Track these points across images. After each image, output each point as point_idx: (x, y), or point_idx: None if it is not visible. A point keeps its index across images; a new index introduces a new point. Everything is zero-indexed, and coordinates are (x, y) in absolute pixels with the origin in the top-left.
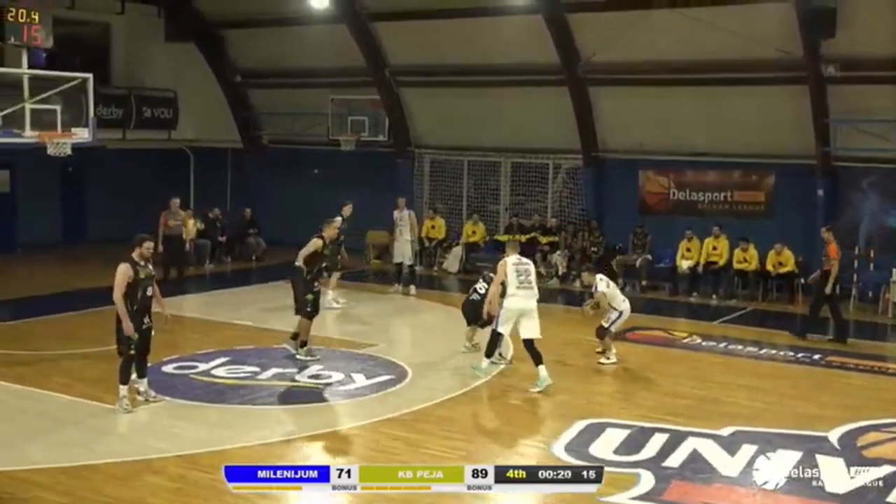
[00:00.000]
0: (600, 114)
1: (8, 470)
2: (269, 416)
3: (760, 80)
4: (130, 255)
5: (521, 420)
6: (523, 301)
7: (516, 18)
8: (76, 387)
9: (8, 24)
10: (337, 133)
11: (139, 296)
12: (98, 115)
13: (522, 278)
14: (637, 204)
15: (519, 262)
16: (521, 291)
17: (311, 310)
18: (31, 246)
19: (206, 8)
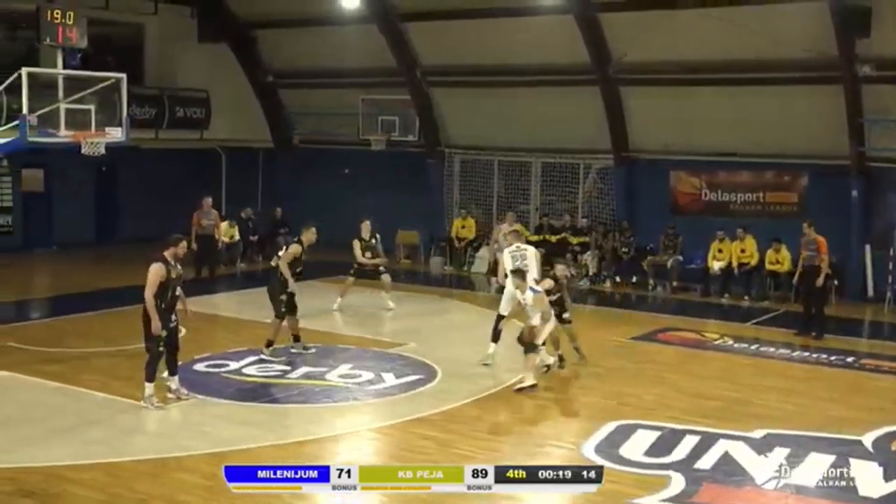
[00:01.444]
0: (631, 114)
1: (42, 465)
2: (300, 415)
3: (794, 80)
4: (162, 254)
5: (549, 421)
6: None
7: (547, 18)
8: (109, 384)
9: (44, 25)
10: (367, 133)
11: (169, 295)
12: (131, 114)
13: (518, 263)
14: (668, 204)
15: (516, 251)
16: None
17: (284, 310)
18: (65, 244)
19: (239, 8)
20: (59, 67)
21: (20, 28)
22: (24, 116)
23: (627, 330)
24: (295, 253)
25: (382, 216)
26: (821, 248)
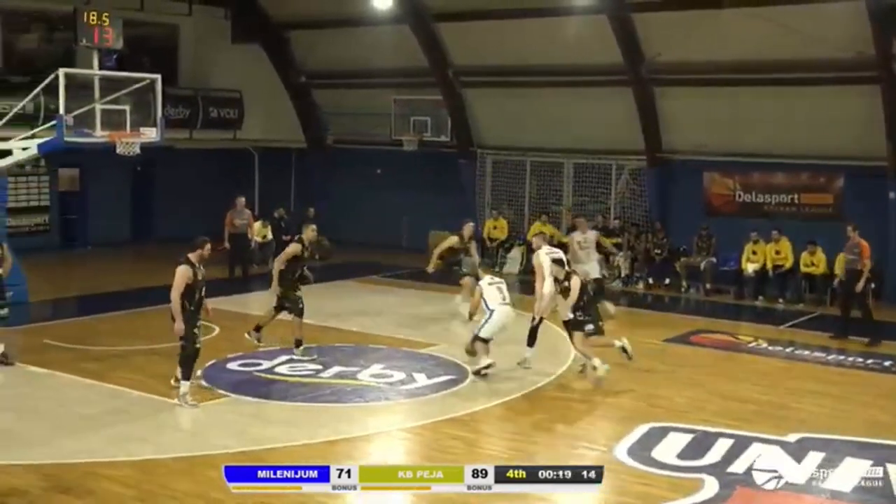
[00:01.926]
0: (665, 114)
1: (77, 462)
2: (331, 414)
3: (829, 80)
4: (188, 256)
5: (581, 423)
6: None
7: (580, 18)
8: (144, 382)
9: (80, 27)
10: (399, 133)
11: (196, 296)
12: (165, 115)
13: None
14: (702, 205)
15: (551, 252)
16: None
17: (302, 306)
18: (101, 243)
19: (272, 9)
20: (95, 68)
21: (57, 30)
22: (60, 117)
23: (660, 332)
24: (294, 252)
25: (414, 216)
26: (864, 252)
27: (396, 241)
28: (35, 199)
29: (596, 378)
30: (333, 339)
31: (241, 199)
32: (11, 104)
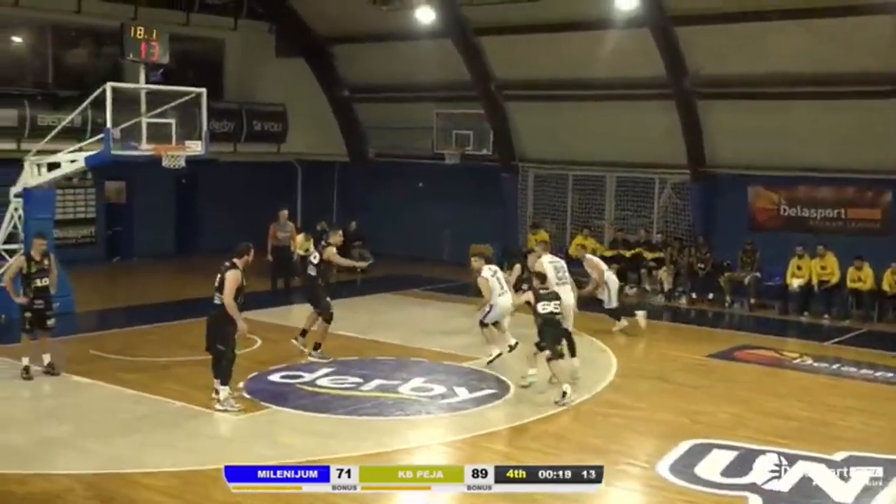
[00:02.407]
0: (708, 128)
1: (120, 472)
2: (372, 428)
3: (875, 93)
4: (234, 261)
5: (623, 438)
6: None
7: (622, 32)
8: (187, 393)
9: (127, 42)
10: (441, 147)
11: (240, 301)
12: (210, 128)
13: (560, 274)
14: (746, 220)
15: (554, 260)
16: (560, 288)
17: (332, 312)
18: (146, 255)
19: (316, 24)
20: (142, 82)
21: (105, 45)
22: (108, 130)
23: (704, 347)
24: (330, 254)
25: (456, 230)
26: None
27: (438, 255)
28: (82, 212)
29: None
30: (375, 353)
31: (284, 212)
32: (60, 118)
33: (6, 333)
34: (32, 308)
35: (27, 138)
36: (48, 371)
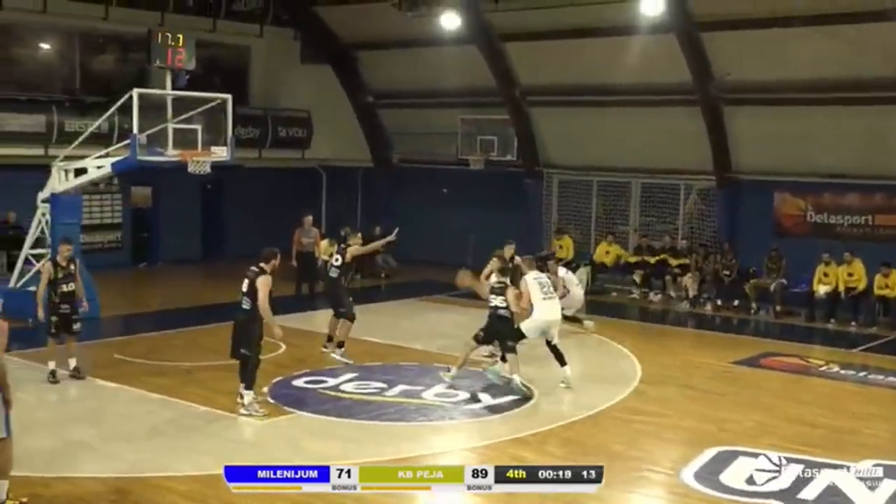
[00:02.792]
0: (734, 134)
1: (144, 476)
2: (396, 433)
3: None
4: (262, 266)
5: (648, 445)
6: (549, 313)
7: (648, 38)
8: (211, 398)
9: (154, 48)
10: (466, 152)
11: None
12: (236, 134)
13: (546, 289)
14: (772, 226)
15: (538, 276)
16: (547, 303)
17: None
18: (172, 260)
19: (341, 30)
20: (168, 88)
21: (132, 51)
22: (134, 136)
23: (729, 354)
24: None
25: (480, 235)
26: None
27: (462, 260)
28: (108, 217)
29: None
30: (398, 358)
31: (309, 218)
32: (87, 124)
33: (33, 338)
34: (59, 312)
35: (55, 144)
36: (74, 375)
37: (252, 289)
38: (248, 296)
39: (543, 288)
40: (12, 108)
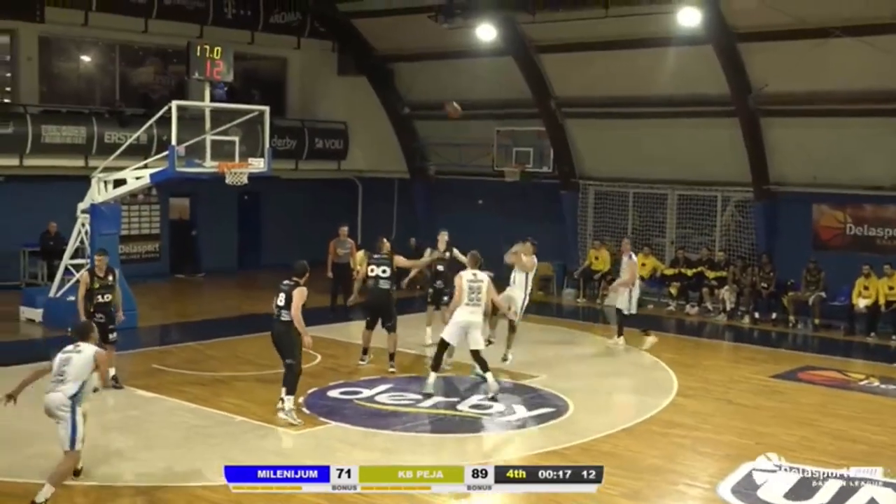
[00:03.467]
0: (772, 145)
1: (182, 485)
2: (430, 444)
3: None
4: (296, 279)
5: (685, 459)
6: (470, 315)
7: (685, 49)
8: (247, 407)
9: (193, 60)
10: (502, 164)
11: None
12: (273, 145)
13: (473, 295)
14: (810, 239)
15: (473, 279)
16: (469, 307)
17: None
18: (209, 271)
19: (378, 43)
20: (207, 100)
21: (171, 63)
22: (172, 147)
23: (767, 368)
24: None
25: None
26: None
27: (497, 272)
28: (147, 227)
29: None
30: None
31: (344, 229)
32: (126, 135)
33: None
34: (94, 322)
35: (94, 155)
36: (112, 384)
37: (290, 301)
38: (286, 308)
39: (472, 293)
40: (54, 120)
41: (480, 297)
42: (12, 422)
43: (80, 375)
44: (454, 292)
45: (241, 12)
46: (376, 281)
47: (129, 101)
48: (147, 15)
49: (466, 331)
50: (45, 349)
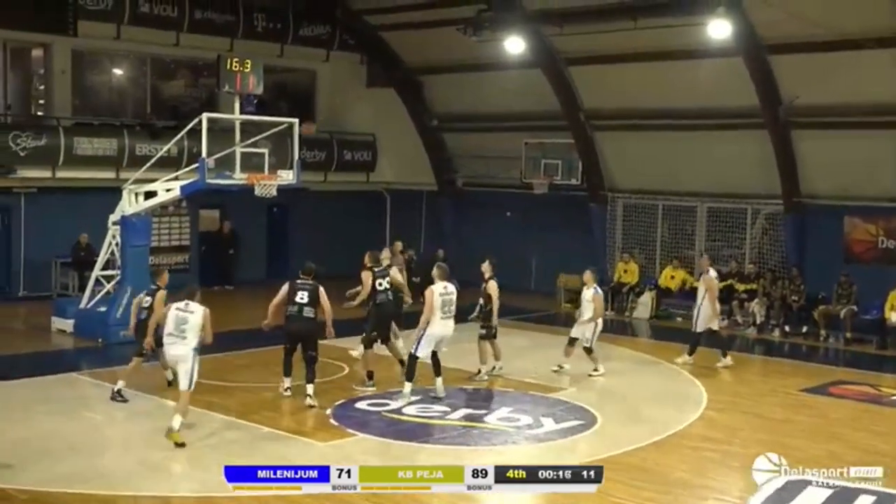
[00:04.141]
0: (803, 158)
1: (209, 495)
2: (457, 457)
3: None
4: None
5: (714, 473)
6: (444, 328)
7: (715, 61)
8: (276, 419)
9: (223, 73)
10: (530, 176)
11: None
12: (302, 157)
13: (447, 308)
14: (841, 252)
15: (444, 292)
16: (444, 320)
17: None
18: (239, 282)
19: (406, 55)
20: (237, 113)
21: (201, 76)
22: (203, 159)
23: (797, 381)
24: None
25: (543, 259)
26: None
27: (525, 284)
28: (177, 239)
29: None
30: (461, 381)
31: (398, 244)
32: (157, 147)
33: (102, 357)
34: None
35: (125, 167)
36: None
37: (314, 298)
38: (310, 305)
39: (445, 306)
40: (86, 133)
41: (453, 309)
42: (46, 434)
43: (196, 331)
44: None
45: (270, 25)
46: (386, 294)
47: (159, 114)
48: (178, 28)
49: (440, 343)
50: (75, 359)
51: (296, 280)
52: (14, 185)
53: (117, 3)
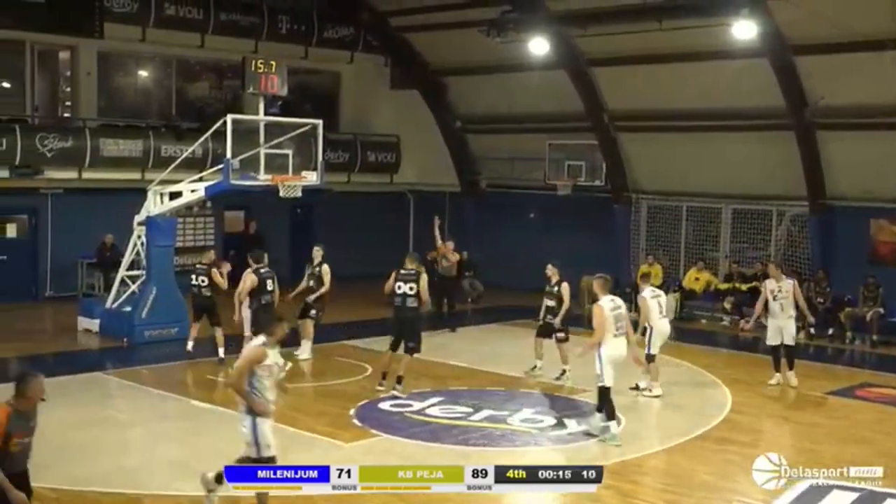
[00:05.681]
0: (828, 159)
1: (233, 495)
2: (480, 458)
3: None
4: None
5: (738, 476)
6: (619, 348)
7: (740, 63)
8: (300, 419)
9: (248, 75)
10: (554, 177)
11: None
12: (326, 159)
13: (620, 325)
14: (867, 253)
15: (614, 306)
16: (617, 339)
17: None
18: None
19: (430, 57)
20: (261, 114)
21: (226, 78)
22: (227, 160)
23: (823, 384)
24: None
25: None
26: None
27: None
28: (201, 239)
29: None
30: (484, 383)
31: (450, 244)
32: (182, 148)
33: (128, 357)
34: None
35: (151, 168)
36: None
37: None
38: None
39: (617, 322)
40: (112, 134)
41: (624, 325)
42: (73, 433)
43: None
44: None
45: (295, 27)
46: (403, 299)
47: (184, 115)
48: (203, 30)
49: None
50: (101, 359)
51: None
52: (41, 186)
53: (143, 5)
